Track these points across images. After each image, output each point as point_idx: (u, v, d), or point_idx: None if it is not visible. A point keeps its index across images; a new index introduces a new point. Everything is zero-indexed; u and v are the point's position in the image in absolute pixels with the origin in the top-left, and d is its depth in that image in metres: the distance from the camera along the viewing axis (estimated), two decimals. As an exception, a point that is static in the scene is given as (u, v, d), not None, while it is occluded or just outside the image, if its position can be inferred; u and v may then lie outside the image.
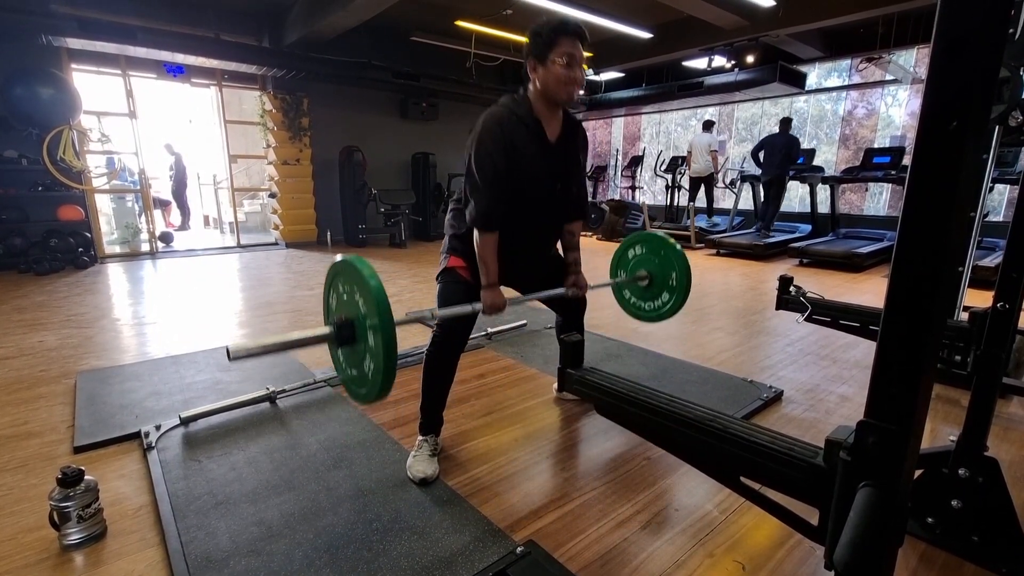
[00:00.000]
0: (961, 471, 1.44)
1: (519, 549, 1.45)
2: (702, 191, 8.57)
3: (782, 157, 7.00)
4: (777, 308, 2.57)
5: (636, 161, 10.99)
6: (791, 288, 2.51)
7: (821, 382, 2.72)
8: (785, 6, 6.00)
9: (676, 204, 9.43)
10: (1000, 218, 6.79)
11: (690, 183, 8.56)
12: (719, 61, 7.72)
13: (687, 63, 8.67)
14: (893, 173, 6.59)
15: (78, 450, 1.98)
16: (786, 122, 7.15)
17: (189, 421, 2.15)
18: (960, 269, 2.66)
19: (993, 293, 1.47)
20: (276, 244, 7.70)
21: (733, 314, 4.07)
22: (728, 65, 7.74)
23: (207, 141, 9.35)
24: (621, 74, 9.63)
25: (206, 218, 10.48)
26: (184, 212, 9.61)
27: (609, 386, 1.34)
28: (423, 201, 8.33)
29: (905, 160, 6.64)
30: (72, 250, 5.65)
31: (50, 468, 1.86)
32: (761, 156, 7.27)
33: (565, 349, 1.56)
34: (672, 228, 8.21)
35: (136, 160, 6.62)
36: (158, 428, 2.09)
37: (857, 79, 8.55)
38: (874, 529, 0.73)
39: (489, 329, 3.35)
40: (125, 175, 7.85)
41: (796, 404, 2.46)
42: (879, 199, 9.15)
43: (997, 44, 0.65)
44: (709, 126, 8.31)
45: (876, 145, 8.63)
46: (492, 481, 1.81)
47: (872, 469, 0.79)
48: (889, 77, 7.89)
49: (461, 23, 6.73)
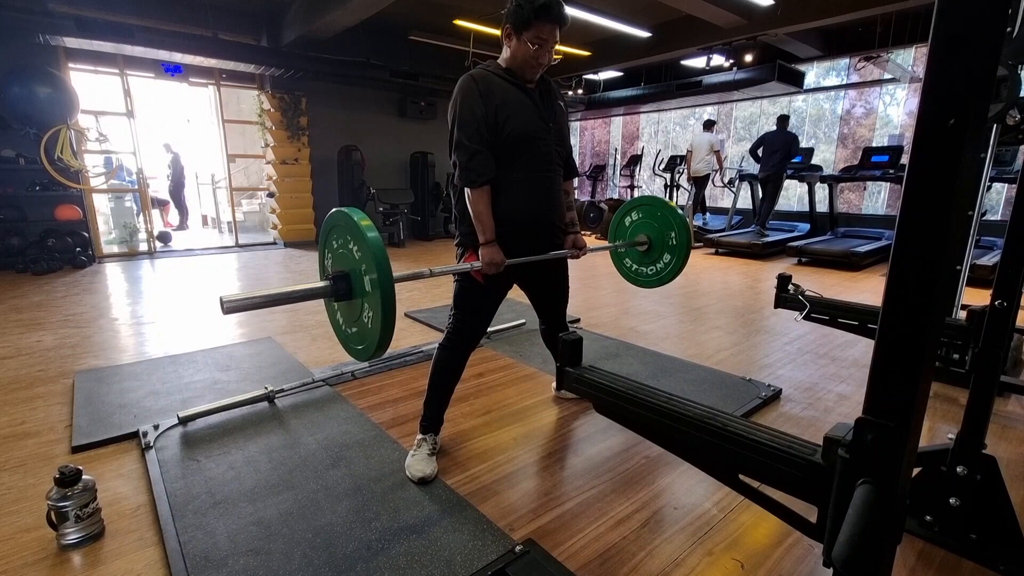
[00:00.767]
0: (959, 469, 1.45)
1: (518, 548, 1.45)
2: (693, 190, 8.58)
3: (781, 154, 7.00)
4: (775, 307, 2.57)
5: (635, 160, 10.99)
6: (789, 287, 2.51)
7: (819, 380, 2.72)
8: (783, 5, 6.00)
9: (675, 204, 9.43)
10: (998, 217, 6.81)
11: (696, 182, 8.50)
12: (717, 60, 7.72)
13: (686, 62, 8.67)
14: (891, 172, 6.60)
15: (76, 450, 1.97)
16: (784, 119, 7.16)
17: (187, 420, 2.15)
18: (958, 268, 2.67)
19: (991, 291, 1.47)
20: (274, 244, 7.69)
21: (732, 313, 4.07)
22: (726, 64, 7.74)
23: (205, 141, 9.33)
24: (620, 73, 9.63)
25: (204, 218, 10.45)
26: (182, 212, 9.59)
27: (608, 385, 1.34)
28: (422, 200, 8.32)
29: (903, 159, 6.65)
30: (70, 250, 5.64)
31: (48, 468, 1.85)
32: (760, 153, 7.28)
33: (564, 347, 1.55)
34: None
35: (134, 160, 6.60)
36: (156, 428, 2.09)
37: (855, 78, 8.56)
38: (872, 526, 0.73)
39: (488, 328, 3.35)
40: (123, 175, 7.84)
41: (795, 402, 2.47)
42: (877, 198, 9.16)
43: (995, 42, 0.65)
44: (710, 125, 8.31)
45: (874, 144, 8.65)
46: (491, 480, 1.81)
47: (870, 467, 0.79)
48: (887, 76, 7.90)
49: (459, 22, 6.72)
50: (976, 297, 4.35)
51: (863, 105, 9.24)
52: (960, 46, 0.66)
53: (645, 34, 7.25)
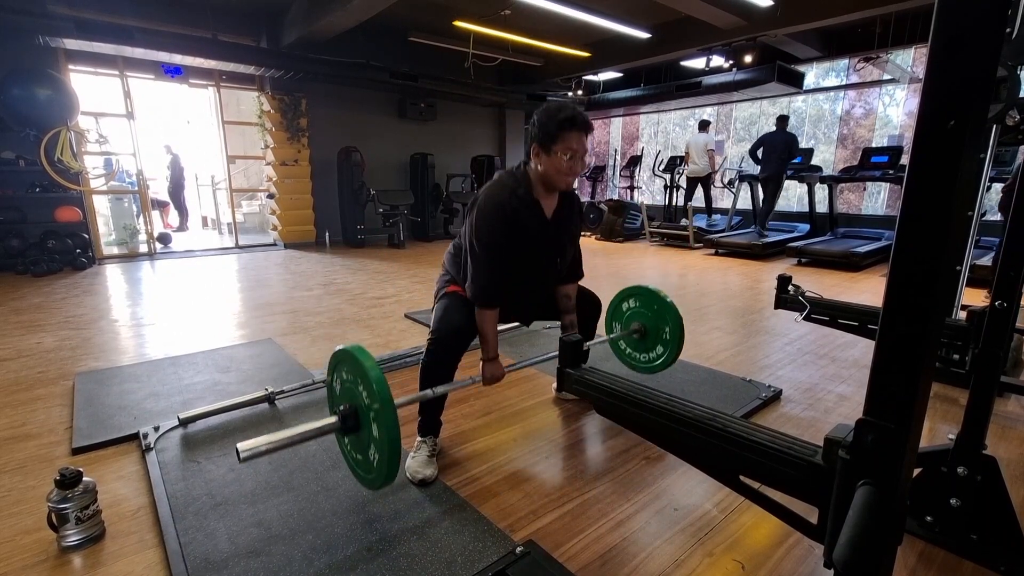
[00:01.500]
0: (960, 469, 1.44)
1: (518, 549, 1.45)
2: (699, 191, 8.59)
3: (781, 154, 7.00)
4: (776, 307, 2.57)
5: (634, 161, 11.00)
6: (789, 287, 2.52)
7: (820, 381, 2.72)
8: (783, 6, 6.01)
9: (674, 204, 9.44)
10: (998, 217, 6.80)
11: (687, 183, 8.57)
12: (717, 61, 7.73)
13: (685, 63, 8.68)
14: (891, 172, 6.60)
15: (76, 451, 1.97)
16: (783, 119, 7.16)
17: (188, 422, 2.15)
18: (958, 268, 2.67)
19: (990, 291, 1.47)
20: (274, 245, 7.69)
21: (732, 313, 4.07)
22: (726, 65, 7.74)
23: (205, 142, 9.33)
24: (619, 74, 9.63)
25: (204, 219, 10.46)
26: (182, 213, 9.60)
27: (608, 385, 1.34)
28: (422, 201, 8.33)
29: (903, 159, 6.65)
30: (70, 251, 5.64)
31: (48, 470, 1.85)
32: (760, 154, 7.28)
33: (564, 349, 1.56)
34: (671, 228, 8.21)
35: (134, 161, 6.60)
36: (157, 429, 2.09)
37: (855, 79, 8.57)
38: (873, 527, 0.73)
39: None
40: (123, 176, 7.84)
41: (795, 403, 2.47)
42: (877, 198, 9.16)
43: (995, 43, 0.65)
44: (705, 126, 8.32)
45: (874, 144, 8.65)
46: (491, 481, 1.81)
47: (871, 467, 0.79)
48: (887, 77, 7.91)
49: (459, 23, 6.73)
50: (976, 297, 4.35)
51: (863, 106, 9.25)
52: (960, 47, 0.66)
53: (644, 35, 7.26)
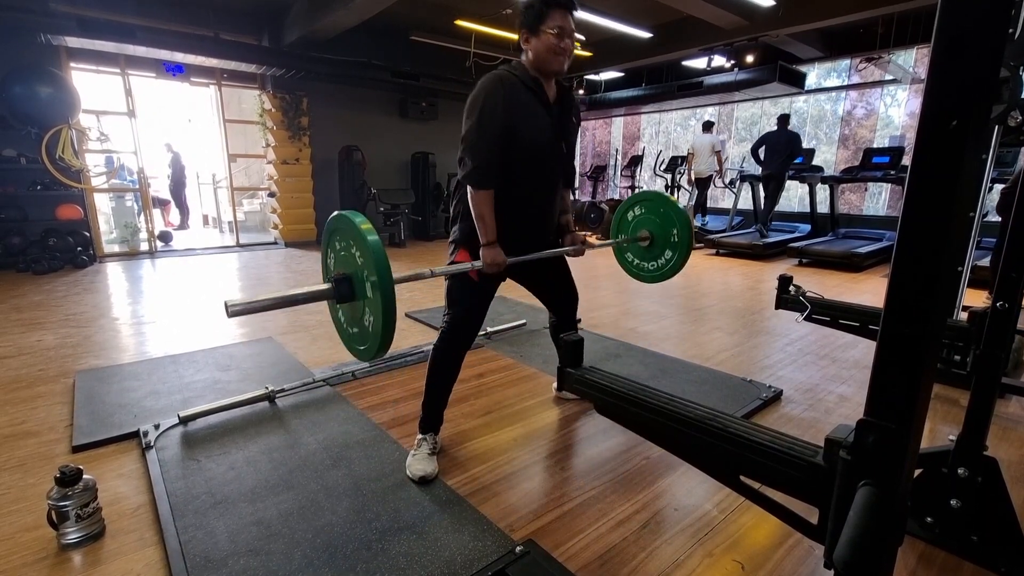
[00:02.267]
0: (960, 471, 1.44)
1: (518, 548, 1.45)
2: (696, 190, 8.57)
3: (783, 154, 6.99)
4: (776, 308, 2.57)
5: (635, 161, 10.99)
6: (790, 288, 2.51)
7: (820, 381, 2.72)
8: (785, 6, 6.00)
9: (677, 201, 9.42)
10: (999, 218, 6.79)
11: (698, 183, 8.49)
12: (719, 61, 7.73)
13: (687, 63, 8.67)
14: (892, 173, 6.60)
15: (76, 449, 1.97)
16: (784, 118, 7.14)
17: (188, 420, 2.15)
18: (959, 269, 2.67)
19: (991, 292, 1.47)
20: (275, 243, 7.69)
21: (732, 314, 4.07)
22: (728, 65, 7.74)
23: (206, 140, 9.33)
24: (621, 74, 9.63)
25: (205, 217, 10.46)
26: (183, 211, 9.60)
27: (609, 385, 1.34)
28: (422, 201, 8.32)
29: (904, 160, 6.64)
30: (71, 249, 5.64)
31: (48, 467, 1.85)
32: (761, 153, 7.26)
33: (565, 348, 1.56)
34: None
35: (135, 159, 6.60)
36: (157, 427, 2.09)
37: (856, 79, 8.56)
38: (874, 528, 0.73)
39: (488, 328, 3.35)
40: (124, 174, 7.84)
41: (795, 403, 2.46)
42: (878, 199, 9.15)
43: (997, 44, 0.65)
44: (709, 127, 8.30)
45: (875, 145, 8.64)
46: (491, 480, 1.81)
47: (872, 468, 0.79)
48: (888, 77, 7.89)
49: (461, 22, 6.72)
50: (977, 298, 4.35)
51: (864, 106, 9.24)
52: (962, 48, 0.66)
53: (646, 35, 7.25)
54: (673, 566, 1.43)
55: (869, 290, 5.06)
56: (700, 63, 8.20)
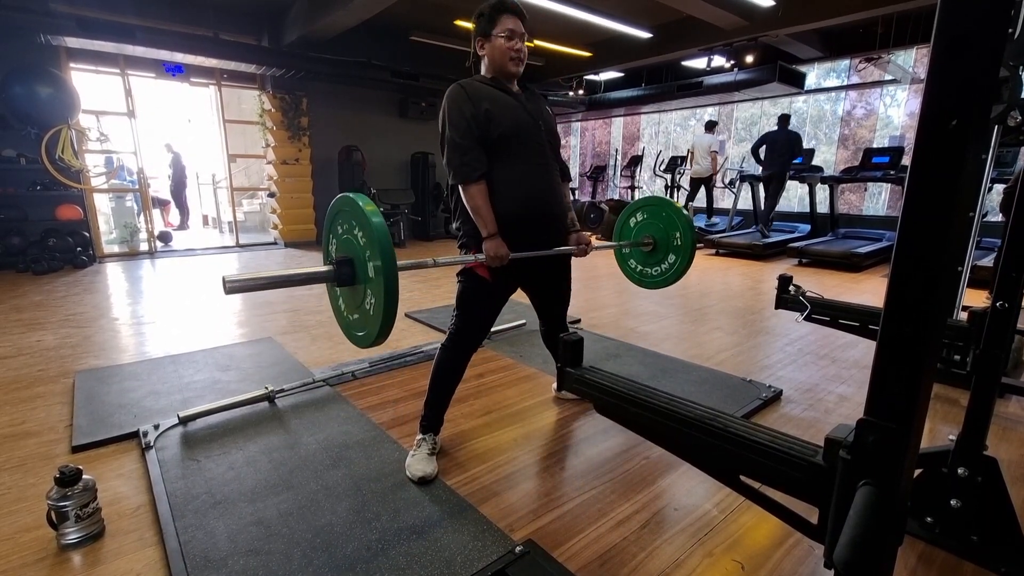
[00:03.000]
0: (960, 470, 1.44)
1: (518, 548, 1.45)
2: (702, 191, 8.57)
3: (784, 153, 6.99)
4: (776, 308, 2.56)
5: (635, 161, 11.00)
6: (790, 287, 2.51)
7: (820, 381, 2.72)
8: (784, 6, 6.00)
9: (679, 204, 9.43)
10: (999, 218, 6.79)
11: (691, 183, 8.53)
12: (718, 61, 7.72)
13: (686, 63, 8.67)
14: (892, 173, 6.60)
15: (76, 449, 1.97)
16: (785, 119, 7.15)
17: (188, 420, 2.15)
18: (959, 269, 2.66)
19: (991, 292, 1.47)
20: (275, 244, 7.69)
21: (732, 314, 4.07)
22: (727, 65, 7.74)
23: (206, 140, 9.33)
24: (620, 74, 9.63)
25: (205, 218, 10.46)
26: (183, 212, 9.60)
27: (609, 385, 1.33)
28: (422, 201, 8.33)
29: (904, 160, 6.65)
30: (71, 249, 5.64)
31: (48, 467, 1.85)
32: (762, 152, 7.26)
33: (565, 348, 1.55)
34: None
35: (135, 159, 6.60)
36: (156, 427, 2.09)
37: (856, 79, 8.56)
38: (874, 528, 0.73)
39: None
40: (124, 174, 7.84)
41: (795, 403, 2.46)
42: (878, 199, 9.15)
43: (997, 44, 0.65)
44: (711, 126, 8.30)
45: (875, 145, 8.64)
46: (491, 481, 1.81)
47: (872, 468, 0.79)
48: (888, 77, 7.89)
49: (460, 22, 6.73)
50: (977, 298, 4.35)
51: (864, 106, 9.24)
52: (962, 48, 0.66)
53: (646, 35, 7.25)
54: (673, 566, 1.43)
55: (869, 290, 5.06)
56: (700, 63, 8.20)
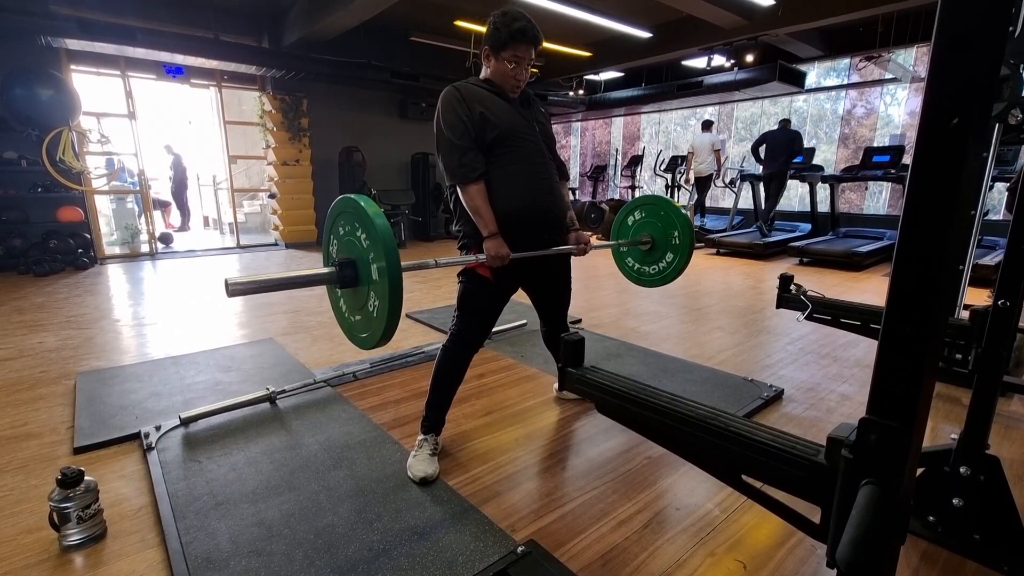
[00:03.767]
0: (962, 469, 1.44)
1: (520, 548, 1.45)
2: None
3: (785, 152, 6.99)
4: (777, 307, 2.56)
5: (636, 161, 10.99)
6: (791, 287, 2.51)
7: (822, 380, 2.72)
8: (784, 5, 6.00)
9: (677, 203, 9.43)
10: (1000, 217, 6.79)
11: (698, 182, 8.48)
12: (718, 60, 7.71)
13: (686, 62, 8.67)
14: (893, 172, 6.59)
15: (78, 451, 1.97)
16: (785, 122, 7.17)
17: (189, 422, 2.15)
18: (961, 267, 2.66)
19: (993, 291, 1.47)
20: (276, 245, 7.70)
21: (733, 313, 4.06)
22: (727, 64, 7.73)
23: (206, 142, 9.34)
24: (620, 74, 9.62)
25: (206, 219, 10.47)
26: (184, 213, 9.61)
27: (610, 385, 1.33)
28: (423, 201, 8.33)
29: (905, 159, 6.64)
30: (72, 251, 5.64)
31: (50, 469, 1.85)
32: (762, 152, 7.26)
33: (566, 348, 1.55)
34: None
35: (136, 161, 6.61)
36: (158, 429, 2.09)
37: (856, 78, 8.55)
38: (876, 527, 0.73)
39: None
40: (125, 176, 7.85)
41: (797, 403, 2.46)
42: (879, 198, 9.14)
43: (998, 42, 0.65)
44: (708, 126, 8.30)
45: (875, 144, 8.63)
46: (493, 481, 1.81)
47: (874, 467, 0.79)
48: (888, 76, 7.88)
49: (460, 23, 6.73)
50: (979, 297, 4.34)
51: (864, 105, 9.23)
52: (963, 46, 0.65)
53: (646, 34, 7.25)
54: (675, 566, 1.43)
55: (870, 289, 5.05)
56: (700, 63, 8.19)
